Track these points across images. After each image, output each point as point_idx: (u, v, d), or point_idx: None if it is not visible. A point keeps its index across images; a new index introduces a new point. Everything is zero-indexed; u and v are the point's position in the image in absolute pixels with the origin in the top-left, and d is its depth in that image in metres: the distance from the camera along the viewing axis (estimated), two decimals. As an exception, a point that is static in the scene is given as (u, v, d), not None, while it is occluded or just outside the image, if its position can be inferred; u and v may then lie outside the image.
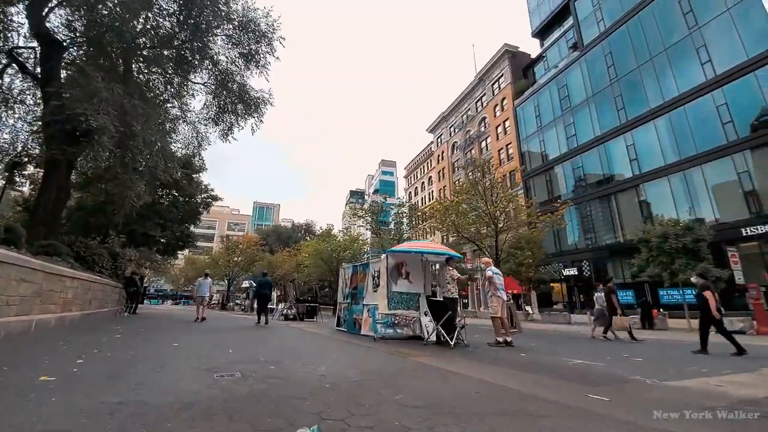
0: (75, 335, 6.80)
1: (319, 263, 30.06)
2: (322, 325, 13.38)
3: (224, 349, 5.76)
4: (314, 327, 12.41)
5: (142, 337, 7.02)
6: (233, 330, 9.94)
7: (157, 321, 12.56)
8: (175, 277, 61.63)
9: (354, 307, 9.77)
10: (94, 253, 13.00)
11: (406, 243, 10.28)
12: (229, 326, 11.50)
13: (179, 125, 18.80)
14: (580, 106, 35.15)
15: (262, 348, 6.13)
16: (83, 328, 8.16)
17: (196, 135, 19.44)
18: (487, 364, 5.30)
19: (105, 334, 7.21)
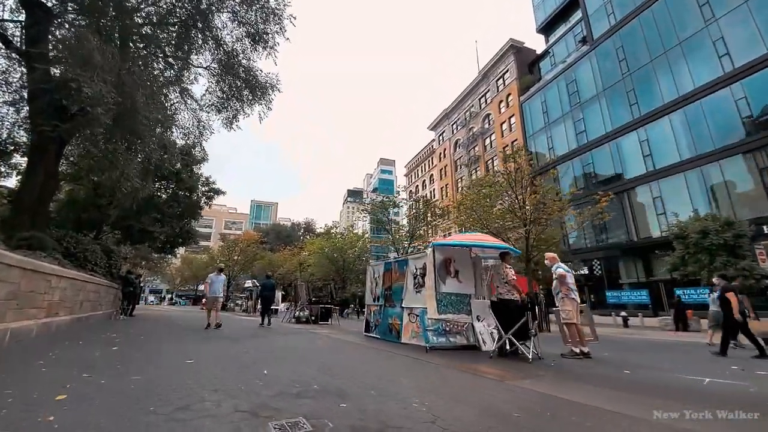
0: (61, 348, 5.38)
1: (323, 262, 28.65)
2: (342, 330, 11.99)
3: (256, 368, 4.38)
4: (335, 331, 11.00)
5: (144, 351, 5.60)
6: (249, 337, 8.52)
7: (156, 325, 11.07)
8: (171, 277, 59.68)
9: (389, 310, 8.41)
10: (86, 249, 11.50)
11: (455, 235, 8.91)
12: (241, 331, 10.07)
13: (179, 112, 17.32)
14: (590, 102, 34.16)
15: (302, 366, 4.75)
16: (73, 337, 6.71)
17: (197, 123, 17.99)
18: (608, 389, 3.99)
19: (99, 346, 5.78)
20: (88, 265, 11.31)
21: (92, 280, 10.23)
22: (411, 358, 5.83)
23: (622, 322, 21.98)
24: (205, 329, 9.16)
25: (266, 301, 12.54)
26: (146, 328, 9.95)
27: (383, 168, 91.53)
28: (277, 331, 10.19)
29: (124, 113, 9.79)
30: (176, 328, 10.20)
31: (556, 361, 5.95)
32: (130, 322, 12.26)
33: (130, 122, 10.45)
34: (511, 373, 4.68)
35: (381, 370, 4.72)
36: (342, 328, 12.61)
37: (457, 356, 6.18)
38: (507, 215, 16.28)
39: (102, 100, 7.05)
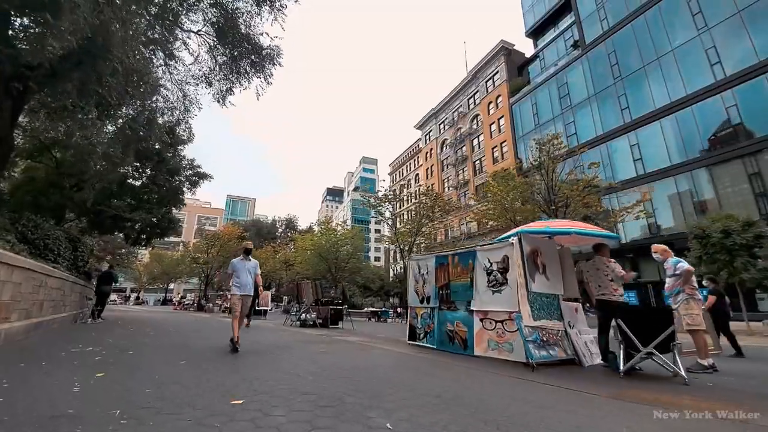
0: (12, 376, 3.35)
1: (313, 260, 26.52)
2: (368, 335, 10.15)
3: (360, 409, 2.62)
4: (365, 338, 9.14)
5: (155, 382, 3.64)
6: (284, 348, 6.61)
7: (140, 332, 8.81)
8: (137, 274, 54.92)
9: (447, 313, 6.74)
10: (47, 235, 9.05)
11: (542, 222, 7.37)
12: (264, 339, 8.06)
13: (163, 82, 14.93)
14: (581, 105, 34.12)
15: (434, 406, 3.01)
16: (30, 355, 4.60)
17: (182, 97, 15.62)
18: None
19: (73, 370, 3.77)
20: (50, 255, 8.89)
21: (55, 274, 7.88)
22: (524, 381, 4.22)
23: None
24: (234, 350, 5.70)
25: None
26: (128, 336, 7.73)
27: (365, 167, 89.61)
28: (299, 339, 8.27)
29: (94, 53, 7.49)
30: (168, 337, 8.03)
31: (702, 380, 4.53)
32: (102, 327, 9.87)
33: (101, 67, 8.12)
34: (714, 402, 3.19)
35: (526, 405, 3.07)
36: (363, 332, 10.77)
37: (577, 375, 4.65)
38: (536, 208, 15.08)
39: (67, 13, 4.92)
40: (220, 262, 31.62)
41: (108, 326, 10.07)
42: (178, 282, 54.47)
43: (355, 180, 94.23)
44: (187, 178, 17.16)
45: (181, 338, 7.62)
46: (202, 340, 7.33)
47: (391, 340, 8.62)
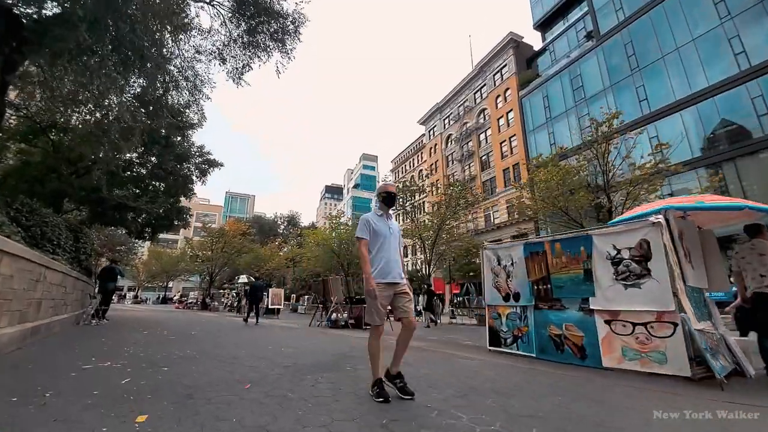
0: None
1: (324, 257, 25.05)
2: (415, 338, 8.78)
3: None
4: (431, 344, 7.78)
5: None
6: (347, 361, 5.22)
7: (156, 338, 7.33)
8: (136, 272, 52.99)
9: (554, 314, 5.38)
10: (44, 222, 7.55)
11: (679, 197, 6.03)
12: (327, 352, 6.65)
13: (171, 58, 13.44)
14: (597, 97, 32.94)
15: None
16: (20, 380, 3.17)
17: (193, 76, 14.13)
18: None
19: (82, 419, 2.35)
20: (47, 246, 7.41)
21: (56, 266, 6.40)
22: (743, 406, 2.91)
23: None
24: (382, 393, 4.59)
25: (256, 300, 13.13)
26: (146, 342, 6.27)
27: (365, 163, 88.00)
28: (354, 345, 6.86)
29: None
30: (196, 343, 6.58)
31: None
32: (110, 329, 8.38)
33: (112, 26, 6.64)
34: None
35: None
36: (414, 335, 9.39)
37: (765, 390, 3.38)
38: (589, 195, 13.69)
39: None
40: (225, 259, 30.02)
41: (116, 328, 8.59)
42: (177, 280, 52.68)
43: (355, 177, 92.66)
44: (196, 166, 15.62)
45: (211, 344, 6.19)
46: (241, 348, 5.90)
47: (458, 345, 7.25)
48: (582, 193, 13.55)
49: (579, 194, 13.51)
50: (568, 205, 13.69)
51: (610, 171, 14.12)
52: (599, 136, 14.42)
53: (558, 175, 13.80)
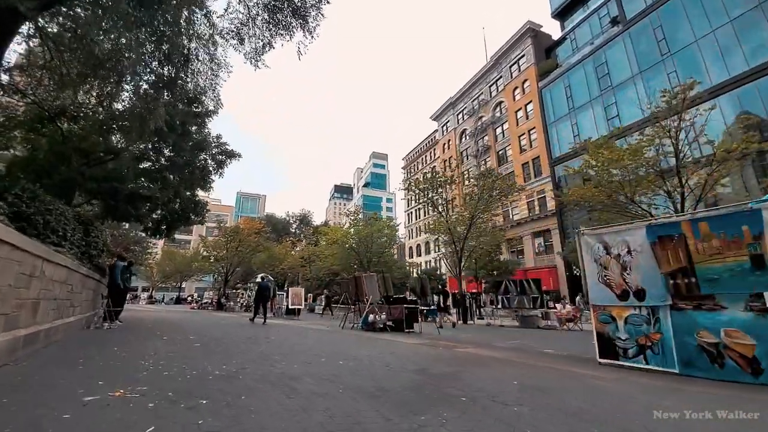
0: None
1: (344, 254, 23.82)
2: (477, 344, 7.44)
3: None
4: (478, 349, 6.46)
5: None
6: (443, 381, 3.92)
7: (177, 346, 6.09)
8: (149, 272, 52.49)
9: (705, 316, 4.01)
10: (47, 209, 6.42)
11: None
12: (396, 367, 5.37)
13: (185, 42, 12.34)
14: (624, 85, 31.18)
15: None
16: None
17: (209, 59, 12.99)
18: None
19: None
20: (51, 238, 6.28)
21: (57, 259, 5.23)
22: None
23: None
24: None
25: (264, 300, 13.11)
26: (166, 353, 5.04)
27: (375, 162, 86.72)
28: (427, 356, 5.57)
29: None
30: (230, 353, 5.34)
31: None
32: (123, 335, 7.21)
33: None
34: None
35: None
36: (461, 339, 8.06)
37: None
38: (654, 179, 12.13)
39: None
40: (239, 258, 29.01)
41: (130, 333, 7.43)
42: (191, 280, 52.08)
43: (365, 176, 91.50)
44: (212, 157, 14.48)
45: (248, 355, 4.93)
46: (289, 360, 4.63)
47: (549, 356, 5.87)
48: (651, 177, 12.02)
49: (648, 178, 11.98)
50: (635, 191, 12.14)
51: (681, 151, 12.55)
52: (671, 107, 12.73)
53: (627, 156, 12.19)
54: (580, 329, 12.50)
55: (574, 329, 12.45)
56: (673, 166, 12.62)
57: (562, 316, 12.56)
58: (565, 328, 12.45)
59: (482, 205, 16.90)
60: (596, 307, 5.00)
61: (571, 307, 12.95)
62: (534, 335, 10.38)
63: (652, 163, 12.53)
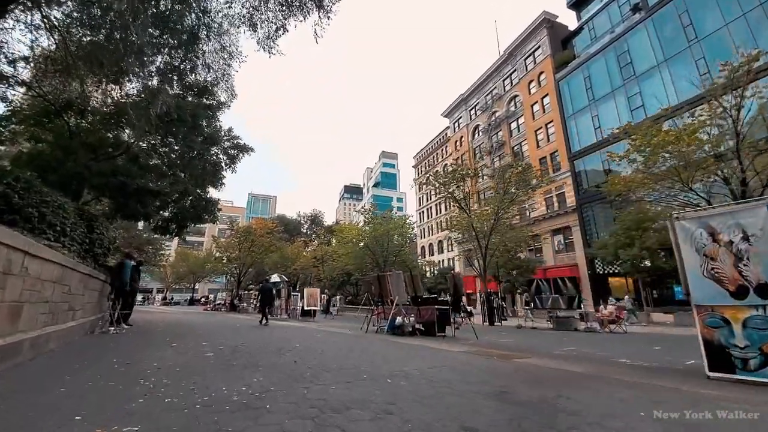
0: None
1: (359, 252, 22.94)
2: (526, 350, 6.45)
3: None
4: (534, 358, 5.46)
5: None
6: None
7: (195, 359, 5.27)
8: (163, 274, 52.56)
9: None
10: (44, 202, 5.69)
11: None
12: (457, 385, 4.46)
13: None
14: (648, 74, 29.64)
15: None
16: None
17: (220, 49, 12.27)
18: None
19: None
20: (48, 233, 5.54)
21: (45, 254, 4.43)
22: None
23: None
24: None
25: (268, 302, 13.77)
26: (183, 369, 4.20)
27: (385, 161, 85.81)
28: (502, 371, 4.62)
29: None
30: (263, 370, 4.47)
31: None
32: (131, 341, 6.42)
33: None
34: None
35: None
36: (515, 345, 7.06)
37: None
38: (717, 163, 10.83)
39: None
40: (252, 259, 28.41)
41: (137, 338, 6.66)
42: (204, 281, 51.96)
43: (375, 176, 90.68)
44: (224, 151, 13.75)
45: (278, 372, 4.06)
46: (327, 379, 3.74)
47: (626, 367, 4.86)
48: (709, 161, 10.74)
49: (706, 162, 10.70)
50: (692, 177, 10.88)
51: (740, 132, 11.30)
52: (732, 81, 11.42)
53: (687, 136, 10.87)
54: (623, 331, 11.36)
55: (617, 331, 11.33)
56: (728, 149, 11.38)
57: (604, 317, 11.44)
58: (606, 331, 11.34)
59: (508, 199, 15.78)
60: (701, 307, 3.97)
61: (613, 307, 11.83)
62: (580, 339, 9.34)
63: (714, 143, 11.27)
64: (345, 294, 30.64)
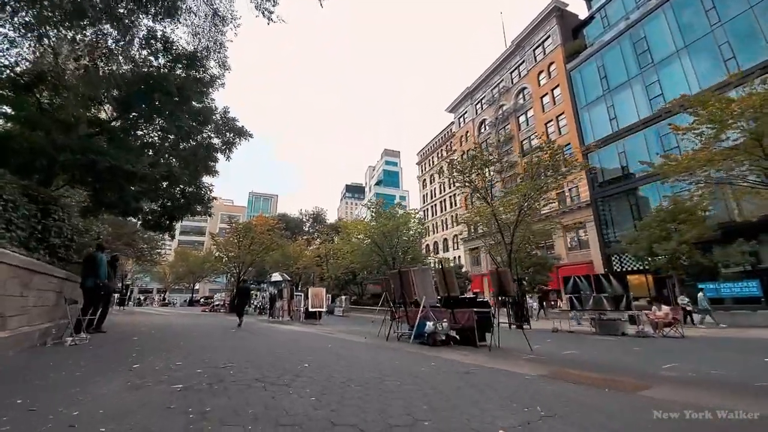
0: None
1: (366, 249, 21.26)
2: (641, 374, 4.74)
3: None
4: (686, 391, 3.80)
5: None
6: None
7: (154, 409, 3.57)
8: (162, 275, 50.95)
9: None
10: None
11: None
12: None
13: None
14: (668, 61, 27.95)
15: None
16: None
17: (212, 15, 10.73)
18: None
19: None
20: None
21: None
22: None
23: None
24: None
25: (242, 302, 13.24)
26: None
27: (388, 159, 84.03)
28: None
29: None
30: None
31: None
32: (83, 362, 4.75)
33: None
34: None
35: None
36: (592, 360, 5.37)
37: None
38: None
39: None
40: (252, 257, 26.74)
41: (97, 354, 5.00)
42: (204, 281, 50.31)
43: (377, 174, 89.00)
44: (218, 132, 12.07)
45: (274, 425, 2.42)
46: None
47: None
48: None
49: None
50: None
51: None
52: None
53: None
54: (681, 335, 9.68)
55: (673, 335, 9.68)
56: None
57: (659, 320, 9.78)
58: (661, 335, 9.70)
59: (538, 186, 13.98)
60: None
61: (669, 308, 10.16)
62: (647, 347, 7.70)
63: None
64: (350, 294, 28.94)
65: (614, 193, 29.98)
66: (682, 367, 5.16)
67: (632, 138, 29.35)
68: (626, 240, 18.37)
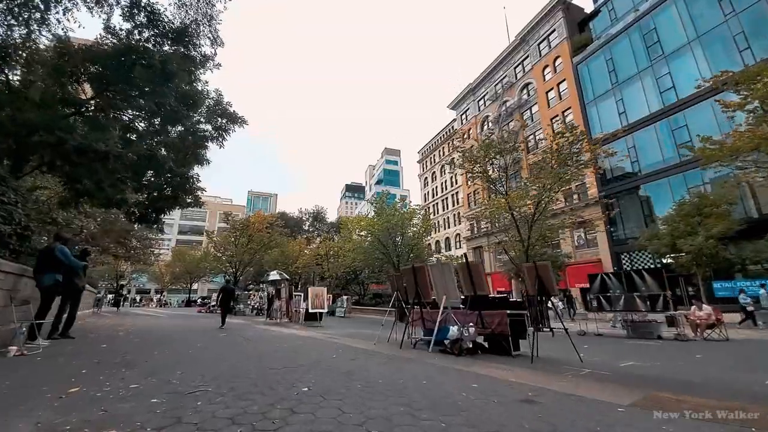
0: None
1: (368, 247, 20.14)
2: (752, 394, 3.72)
3: None
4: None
5: None
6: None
7: None
8: (159, 275, 49.76)
9: None
10: None
11: None
12: None
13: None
14: (679, 52, 26.94)
15: None
16: None
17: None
18: None
19: None
20: None
21: None
22: None
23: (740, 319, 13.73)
24: None
25: (226, 302, 12.73)
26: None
27: (388, 158, 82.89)
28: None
29: None
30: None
31: None
32: (29, 379, 3.64)
33: None
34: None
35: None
36: (678, 381, 4.29)
37: None
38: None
39: None
40: (250, 256, 25.59)
41: (37, 372, 3.88)
42: (202, 281, 49.12)
43: (377, 173, 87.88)
44: (209, 118, 10.96)
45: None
46: None
47: None
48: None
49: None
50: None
51: None
52: None
53: None
54: (725, 338, 8.62)
55: (716, 338, 8.61)
56: None
57: (702, 321, 8.72)
58: (700, 337, 8.64)
59: (558, 177, 12.87)
60: None
61: (711, 308, 9.08)
62: (705, 353, 6.63)
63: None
64: (351, 294, 27.86)
65: (623, 190, 29.03)
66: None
67: (642, 132, 28.35)
68: (645, 236, 17.31)
